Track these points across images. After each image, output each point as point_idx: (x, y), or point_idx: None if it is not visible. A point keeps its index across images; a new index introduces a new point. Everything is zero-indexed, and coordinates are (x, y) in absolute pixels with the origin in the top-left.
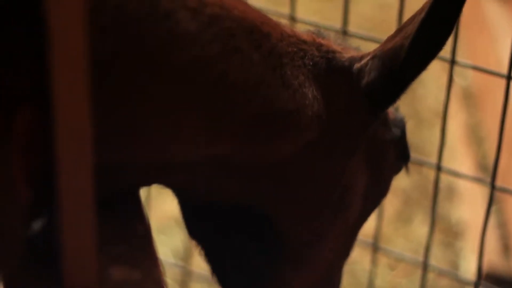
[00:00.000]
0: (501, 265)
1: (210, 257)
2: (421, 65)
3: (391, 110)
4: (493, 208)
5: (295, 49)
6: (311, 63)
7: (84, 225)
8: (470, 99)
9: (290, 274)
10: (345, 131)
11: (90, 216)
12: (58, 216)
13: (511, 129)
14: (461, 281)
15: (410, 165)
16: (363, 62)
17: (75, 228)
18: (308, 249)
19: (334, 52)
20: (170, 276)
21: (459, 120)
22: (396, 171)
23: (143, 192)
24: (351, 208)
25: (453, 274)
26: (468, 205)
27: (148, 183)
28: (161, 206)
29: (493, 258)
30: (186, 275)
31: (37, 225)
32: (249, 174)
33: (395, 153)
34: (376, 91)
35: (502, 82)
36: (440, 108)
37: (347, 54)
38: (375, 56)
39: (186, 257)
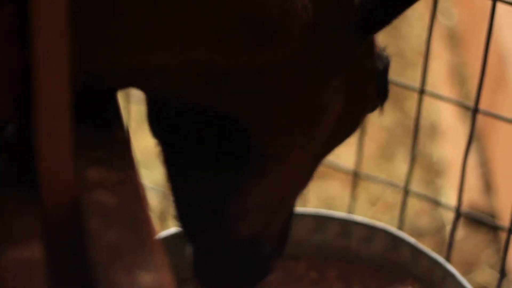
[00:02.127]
0: (482, 202)
1: (170, 160)
2: None
3: (378, 45)
4: (475, 146)
5: None
6: None
7: (60, 127)
8: (454, 39)
9: (252, 183)
10: (332, 48)
11: (67, 118)
12: (34, 119)
13: (494, 68)
14: (442, 206)
15: (393, 101)
16: None
17: (52, 130)
18: (273, 161)
19: None
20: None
21: (443, 60)
22: (372, 108)
23: None
24: (322, 129)
25: (434, 200)
26: (450, 143)
27: (124, 86)
28: (142, 140)
29: (474, 195)
30: (165, 208)
31: (11, 128)
32: (229, 81)
33: (375, 87)
34: (370, 9)
35: (487, 22)
36: (424, 47)
37: None
38: None
39: (166, 190)
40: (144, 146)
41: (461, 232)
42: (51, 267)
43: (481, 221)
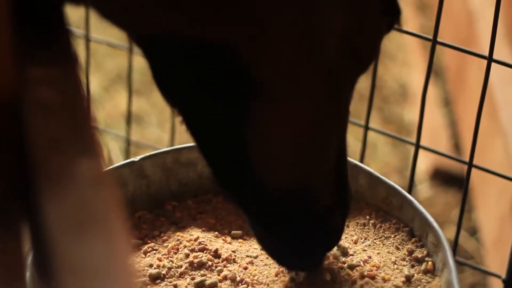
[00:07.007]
0: (450, 162)
1: (190, 123)
2: None
3: None
4: (444, 110)
5: None
6: None
7: None
8: (424, 3)
9: (265, 116)
10: None
11: (5, 13)
12: None
13: (464, 27)
14: (404, 142)
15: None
16: None
17: None
18: (279, 83)
19: None
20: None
21: (413, 25)
22: (387, 27)
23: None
24: (323, 48)
25: (398, 138)
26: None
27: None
28: (109, 102)
29: (443, 157)
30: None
31: None
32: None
33: (379, 4)
34: None
35: None
36: None
37: None
38: None
39: (133, 152)
40: (112, 108)
41: (429, 192)
42: None
43: (449, 179)
